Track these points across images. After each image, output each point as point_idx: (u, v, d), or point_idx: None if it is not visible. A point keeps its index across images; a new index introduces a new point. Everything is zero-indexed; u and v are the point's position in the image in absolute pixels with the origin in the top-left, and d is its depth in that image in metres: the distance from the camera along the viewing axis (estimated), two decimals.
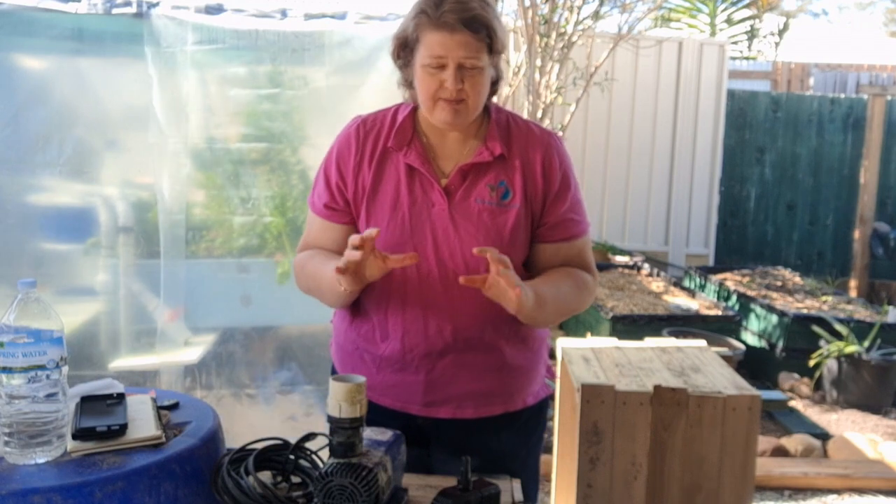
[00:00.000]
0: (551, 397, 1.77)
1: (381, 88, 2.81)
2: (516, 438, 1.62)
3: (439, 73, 1.42)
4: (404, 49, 1.47)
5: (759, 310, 5.25)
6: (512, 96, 4.74)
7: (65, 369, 1.12)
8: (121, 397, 1.24)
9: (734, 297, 5.61)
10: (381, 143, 1.52)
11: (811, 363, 4.71)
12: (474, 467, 1.29)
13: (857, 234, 6.97)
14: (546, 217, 1.54)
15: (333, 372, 1.70)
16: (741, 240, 7.58)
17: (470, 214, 1.49)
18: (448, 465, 1.52)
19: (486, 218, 1.49)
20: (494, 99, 1.60)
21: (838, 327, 4.71)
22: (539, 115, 4.56)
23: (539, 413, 1.67)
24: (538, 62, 4.50)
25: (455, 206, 1.49)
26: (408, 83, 1.51)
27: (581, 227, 1.58)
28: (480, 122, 1.54)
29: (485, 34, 1.41)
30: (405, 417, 1.55)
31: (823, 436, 3.93)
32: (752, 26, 11.96)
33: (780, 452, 3.70)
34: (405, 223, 1.49)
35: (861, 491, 3.41)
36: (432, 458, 1.60)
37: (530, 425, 1.65)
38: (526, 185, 1.51)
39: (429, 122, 1.52)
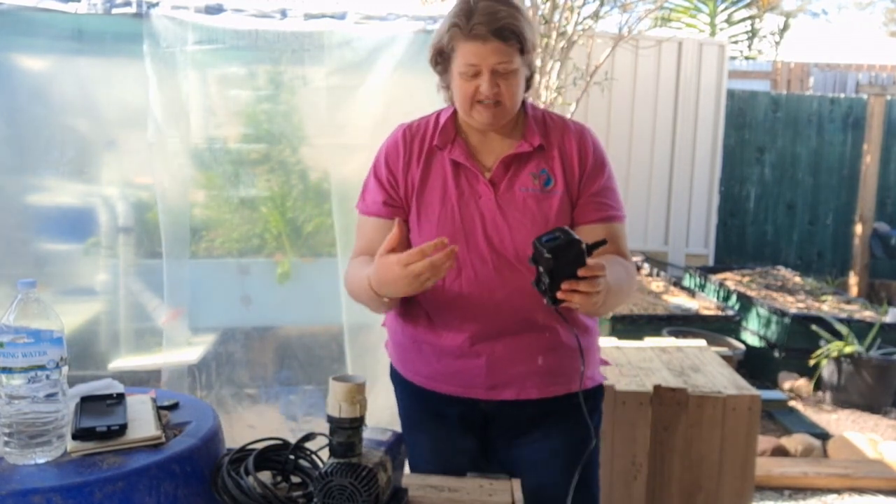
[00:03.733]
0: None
1: (380, 88, 2.81)
2: (577, 420, 1.61)
3: (475, 79, 1.51)
4: (441, 57, 1.56)
5: (759, 310, 5.25)
6: None
7: (65, 369, 1.12)
8: (121, 397, 1.24)
9: (734, 297, 5.61)
10: (426, 143, 1.62)
11: (811, 363, 4.71)
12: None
13: (857, 233, 6.97)
14: (581, 198, 1.60)
15: (393, 372, 1.77)
16: (741, 240, 7.59)
17: (516, 202, 1.57)
18: (511, 449, 1.63)
19: (532, 204, 1.57)
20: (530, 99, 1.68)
21: (838, 327, 4.71)
22: None
23: (596, 397, 1.72)
24: (538, 62, 4.50)
25: (501, 195, 1.58)
26: (446, 86, 1.61)
27: (616, 213, 1.63)
28: (517, 119, 1.62)
29: (515, 40, 1.49)
30: (469, 403, 1.62)
31: (823, 435, 3.93)
32: (751, 26, 11.96)
33: (780, 452, 3.71)
34: (454, 214, 1.58)
35: (861, 491, 3.42)
36: (495, 442, 1.67)
37: (589, 407, 1.63)
38: (565, 172, 1.60)
39: (469, 123, 1.61)
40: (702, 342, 3.43)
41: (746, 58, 11.07)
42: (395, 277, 1.40)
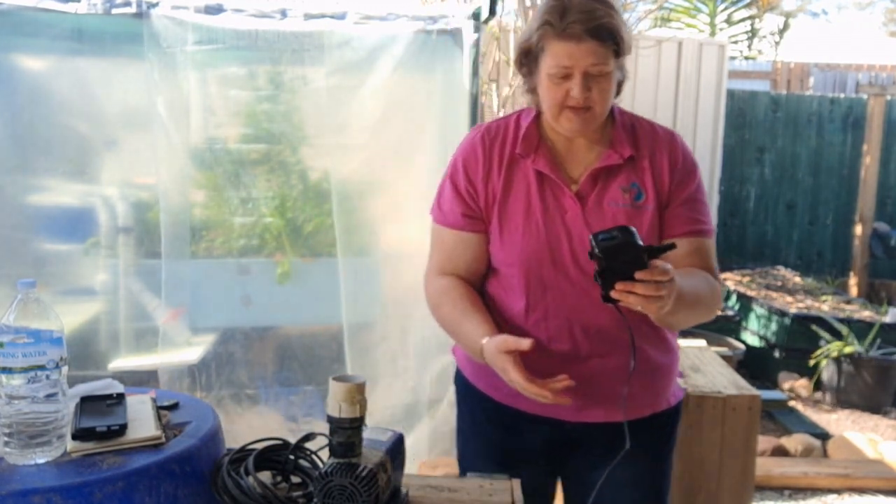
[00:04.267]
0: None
1: (380, 88, 2.81)
2: (660, 439, 1.62)
3: (565, 82, 1.40)
4: (528, 57, 1.47)
5: (759, 310, 5.25)
6: (512, 96, 4.74)
7: (64, 369, 1.12)
8: (120, 397, 1.24)
9: (734, 297, 5.61)
10: (507, 149, 1.51)
11: (811, 363, 4.71)
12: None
13: (856, 233, 6.97)
14: (668, 209, 1.51)
15: (463, 384, 1.68)
16: (741, 239, 7.59)
17: (604, 218, 1.47)
18: (597, 469, 1.51)
19: (622, 221, 1.46)
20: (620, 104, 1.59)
21: (838, 327, 4.71)
22: None
23: (677, 413, 1.66)
24: None
25: (588, 210, 1.48)
26: (531, 90, 1.50)
27: (704, 227, 1.53)
28: (605, 126, 1.52)
29: (611, 41, 1.39)
30: (554, 423, 1.55)
31: (823, 436, 3.94)
32: (751, 26, 11.96)
33: (780, 452, 3.71)
34: (539, 230, 1.48)
35: (861, 491, 3.42)
36: (580, 464, 1.60)
37: (669, 426, 1.64)
38: (655, 185, 1.50)
39: (554, 129, 1.50)
40: (702, 342, 3.44)
41: (746, 58, 11.07)
42: (501, 373, 1.40)
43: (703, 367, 2.90)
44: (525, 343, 1.35)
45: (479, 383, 1.63)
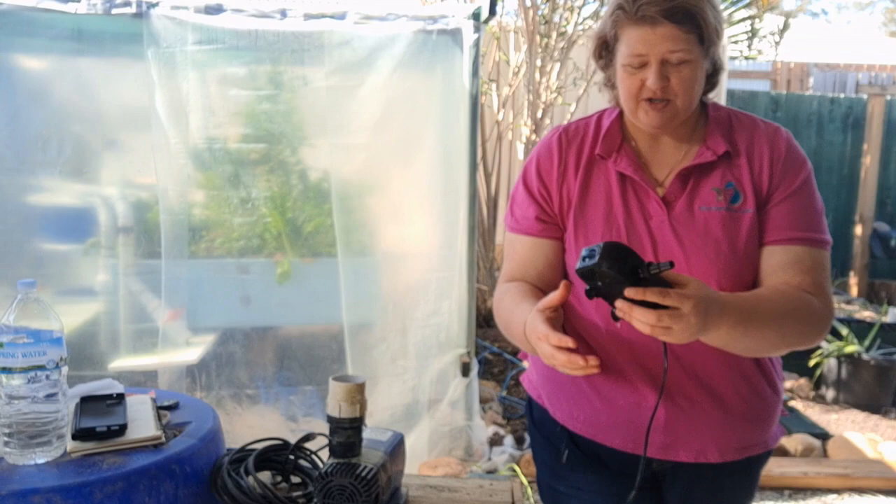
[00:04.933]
0: None
1: (380, 88, 2.81)
2: (748, 480, 1.46)
3: (641, 72, 1.26)
4: (605, 49, 1.33)
5: None
6: (512, 96, 4.74)
7: (64, 370, 1.12)
8: (120, 397, 1.24)
9: None
10: (586, 150, 1.37)
11: (811, 363, 4.71)
12: None
13: (856, 233, 6.97)
14: (766, 212, 1.30)
15: (537, 412, 1.51)
16: None
17: (696, 225, 1.29)
18: None
19: (716, 227, 1.28)
20: (712, 96, 1.40)
21: (838, 327, 4.71)
22: (539, 114, 4.56)
23: (768, 456, 1.47)
24: (538, 62, 4.51)
25: (676, 216, 1.30)
26: (611, 84, 1.37)
27: (807, 235, 1.29)
28: (696, 123, 1.35)
29: (691, 24, 1.23)
30: (639, 460, 1.30)
31: (823, 435, 3.93)
32: (751, 26, 11.95)
33: (780, 452, 3.70)
34: (621, 238, 1.31)
35: (861, 491, 3.41)
36: (664, 501, 1.44)
37: (758, 465, 1.46)
38: (754, 184, 1.30)
39: (638, 127, 1.35)
40: None
41: (746, 58, 11.05)
42: (535, 344, 1.19)
43: None
44: (558, 295, 1.18)
45: (557, 412, 1.45)
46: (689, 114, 1.31)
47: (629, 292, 1.06)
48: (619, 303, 1.08)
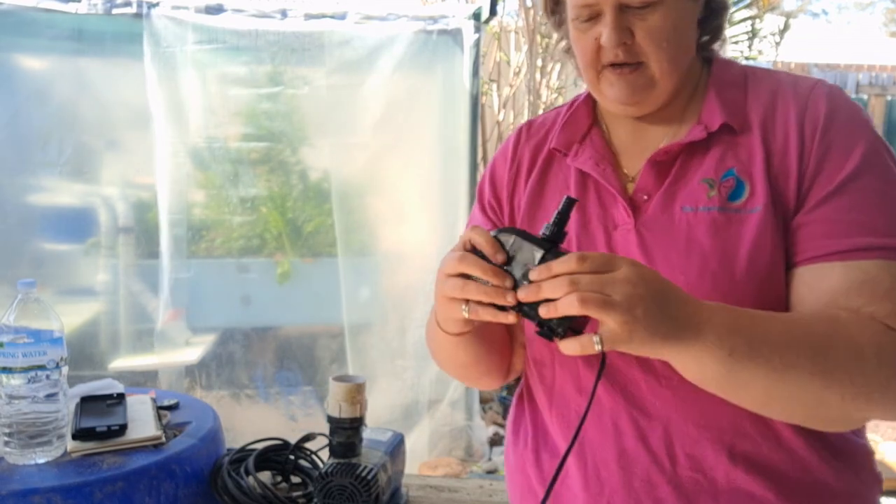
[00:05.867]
0: None
1: (380, 88, 2.82)
2: None
3: (594, 27, 0.89)
4: (555, 1, 0.97)
5: None
6: (512, 96, 4.74)
7: (65, 369, 1.12)
8: (121, 397, 1.24)
9: None
10: (546, 146, 1.02)
11: None
12: None
13: None
14: (802, 209, 0.85)
15: None
16: None
17: (673, 233, 0.88)
18: None
19: (704, 237, 0.86)
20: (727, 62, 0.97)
21: None
22: (540, 114, 4.56)
23: None
24: (539, 62, 4.51)
25: (646, 221, 0.90)
26: (567, 48, 1.00)
27: (873, 241, 0.81)
28: (693, 91, 0.95)
29: None
30: None
31: None
32: (752, 26, 11.96)
33: None
34: None
35: None
36: None
37: None
38: (771, 173, 0.86)
39: (606, 106, 0.98)
40: None
41: (747, 58, 11.06)
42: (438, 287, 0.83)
43: None
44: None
45: None
46: (677, 79, 0.91)
47: (533, 274, 0.74)
48: (522, 291, 0.75)
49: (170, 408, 1.30)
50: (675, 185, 0.90)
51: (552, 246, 0.77)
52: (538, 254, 0.76)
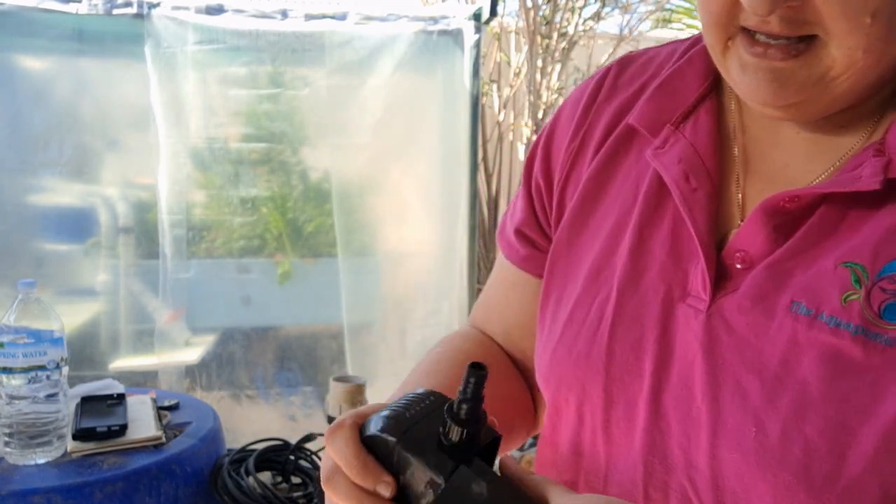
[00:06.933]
0: None
1: (381, 89, 2.82)
2: None
3: None
4: None
5: None
6: (513, 97, 4.74)
7: (65, 370, 1.12)
8: (121, 398, 1.24)
9: None
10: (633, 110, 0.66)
11: None
12: None
13: None
14: None
15: None
16: None
17: (765, 347, 0.53)
18: None
19: (811, 368, 0.51)
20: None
21: None
22: (540, 115, 4.56)
23: None
24: (539, 63, 4.51)
25: (727, 309, 0.56)
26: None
27: None
28: (890, 97, 0.56)
29: None
30: None
31: None
32: None
33: None
34: (600, 334, 0.61)
35: None
36: None
37: None
38: None
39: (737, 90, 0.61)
40: None
41: None
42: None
43: None
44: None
45: None
46: (874, 78, 0.52)
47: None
48: None
49: (170, 408, 1.30)
50: (796, 257, 0.53)
51: (456, 466, 0.45)
52: (431, 488, 0.46)
